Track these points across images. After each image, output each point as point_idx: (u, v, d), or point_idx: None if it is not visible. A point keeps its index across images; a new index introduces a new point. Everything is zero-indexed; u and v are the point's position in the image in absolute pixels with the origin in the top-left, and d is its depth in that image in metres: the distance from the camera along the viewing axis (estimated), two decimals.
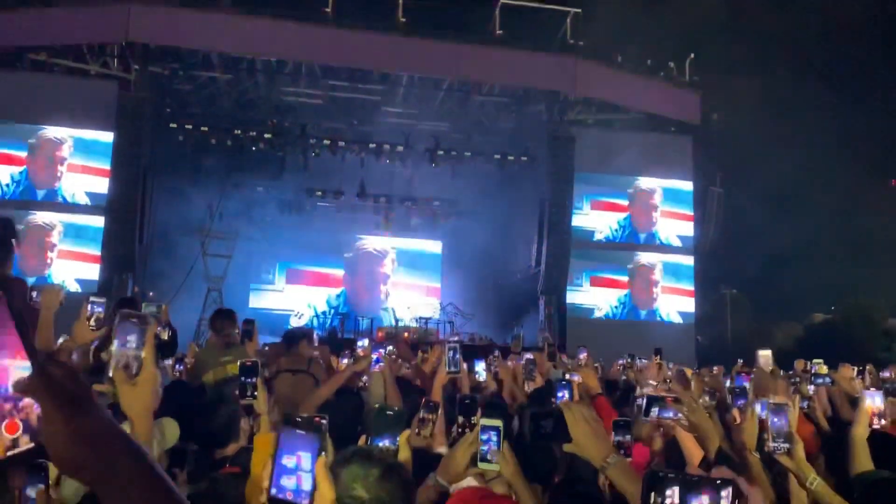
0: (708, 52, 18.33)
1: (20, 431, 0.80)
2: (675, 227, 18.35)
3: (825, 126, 16.53)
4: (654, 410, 3.05)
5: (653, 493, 1.22)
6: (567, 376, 4.13)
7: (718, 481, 1.21)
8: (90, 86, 15.94)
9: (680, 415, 2.79)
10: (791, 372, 6.99)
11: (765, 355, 4.04)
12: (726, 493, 1.18)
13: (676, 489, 1.20)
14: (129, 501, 0.83)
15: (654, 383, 4.19)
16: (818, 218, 18.17)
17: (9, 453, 0.80)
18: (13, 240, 4.25)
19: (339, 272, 20.72)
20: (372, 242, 20.93)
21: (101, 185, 15.65)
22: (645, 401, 3.14)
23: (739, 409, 3.34)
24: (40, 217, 15.45)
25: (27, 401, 0.81)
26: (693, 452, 2.75)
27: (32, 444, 0.81)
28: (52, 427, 0.81)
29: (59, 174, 15.71)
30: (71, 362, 3.75)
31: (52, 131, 15.69)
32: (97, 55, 15.94)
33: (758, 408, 2.61)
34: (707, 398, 3.76)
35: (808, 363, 6.86)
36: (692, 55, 18.11)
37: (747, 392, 3.56)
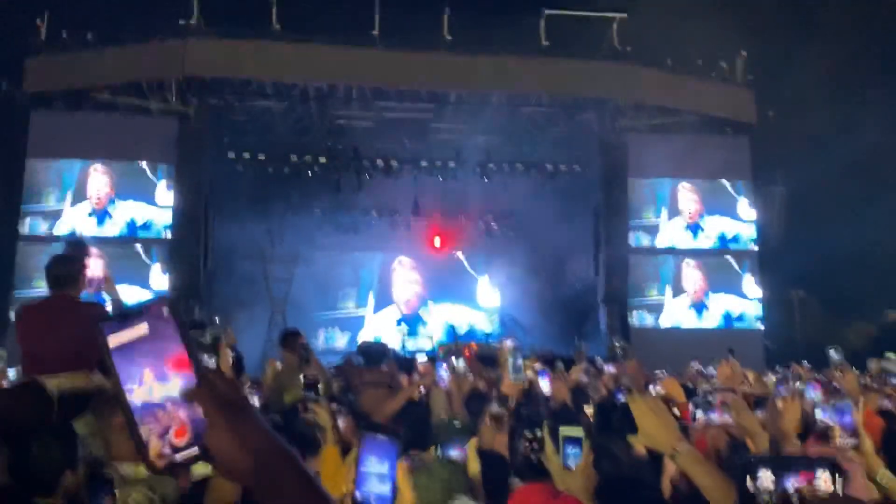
0: (760, 49, 17.94)
1: (188, 437, 0.86)
2: (737, 229, 17.94)
3: (891, 114, 15.96)
4: (700, 414, 3.02)
5: (748, 477, 1.21)
6: (651, 387, 4.10)
7: (814, 459, 1.20)
8: (151, 121, 16.53)
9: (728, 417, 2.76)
10: (866, 372, 6.79)
11: (834, 351, 3.94)
12: (823, 472, 1.17)
13: (769, 471, 1.19)
14: None
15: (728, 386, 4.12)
16: (887, 211, 17.52)
17: (178, 457, 0.85)
18: (85, 259, 4.42)
19: (405, 281, 20.84)
20: (427, 258, 21.03)
21: (165, 216, 16.18)
22: (692, 406, 3.10)
23: (782, 397, 3.30)
24: (106, 248, 16.01)
25: (193, 408, 0.87)
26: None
27: (198, 451, 0.87)
28: (218, 434, 0.86)
29: (120, 207, 16.26)
30: None
31: (114, 166, 16.29)
32: (156, 91, 16.52)
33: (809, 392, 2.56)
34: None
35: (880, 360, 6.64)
36: (744, 53, 17.77)
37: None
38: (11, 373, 6.04)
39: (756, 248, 17.88)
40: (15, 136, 15.80)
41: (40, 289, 12.74)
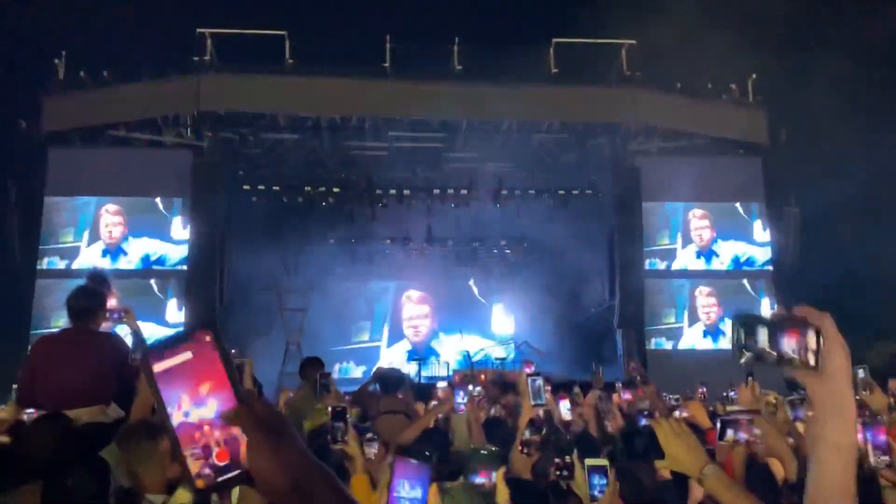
0: (771, 69, 17.98)
1: (229, 459, 0.88)
2: (751, 252, 17.82)
3: None
4: (730, 433, 3.00)
5: (744, 334, 1.25)
6: (677, 412, 4.07)
7: (804, 323, 1.24)
8: (166, 155, 16.74)
9: (756, 435, 2.75)
10: (888, 391, 6.69)
11: (861, 370, 3.89)
12: (812, 335, 1.22)
13: (766, 331, 1.23)
14: None
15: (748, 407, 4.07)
16: None
17: (219, 479, 0.87)
18: (106, 293, 4.46)
19: (413, 317, 20.87)
20: (441, 286, 21.03)
21: (181, 251, 16.30)
22: (720, 423, 3.09)
23: (801, 420, 3.31)
24: (120, 283, 16.10)
25: (235, 431, 0.89)
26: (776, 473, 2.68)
27: (239, 471, 0.88)
28: (259, 455, 0.88)
29: (137, 242, 16.40)
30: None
31: (128, 203, 16.46)
32: (171, 126, 16.75)
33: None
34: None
35: None
36: (753, 75, 17.81)
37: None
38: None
39: (771, 270, 17.73)
40: (33, 175, 16.04)
41: (57, 327, 12.80)
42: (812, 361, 1.22)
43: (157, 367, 0.87)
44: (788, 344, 1.23)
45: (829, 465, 1.22)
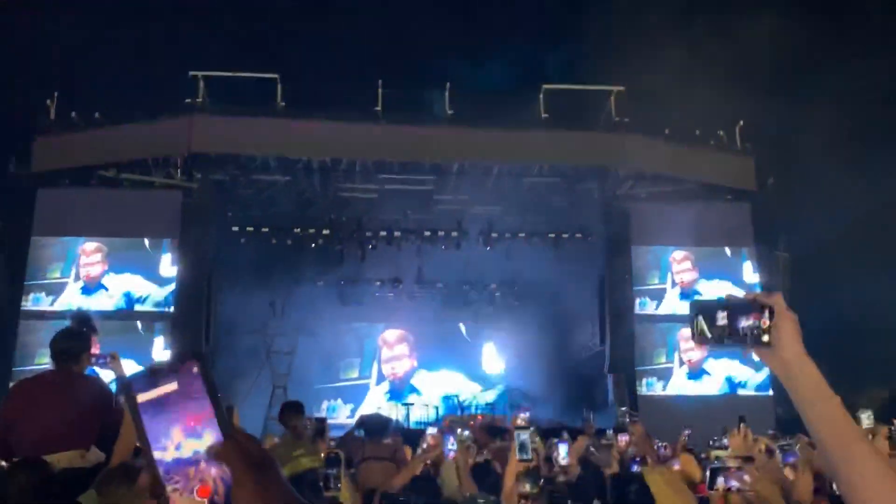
0: (759, 116, 18.25)
1: (212, 494, 0.86)
2: (739, 294, 17.80)
3: (893, 178, 16.11)
4: (720, 480, 2.96)
5: (702, 318, 1.35)
6: (668, 465, 4.00)
7: (759, 304, 1.33)
8: (156, 197, 16.73)
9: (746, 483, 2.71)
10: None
11: (866, 416, 3.83)
12: (766, 314, 1.32)
13: (724, 314, 1.34)
14: None
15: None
16: (893, 275, 17.48)
17: None
18: (92, 336, 4.37)
19: (391, 358, 20.73)
20: (431, 328, 20.91)
21: (166, 290, 16.17)
22: (710, 472, 3.05)
23: (790, 465, 3.33)
24: (104, 323, 15.92)
25: (218, 465, 0.86)
26: None
27: None
28: (243, 490, 0.87)
29: (123, 282, 16.27)
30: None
31: (111, 241, 16.37)
32: (161, 167, 16.76)
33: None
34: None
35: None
36: (741, 122, 18.06)
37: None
38: None
39: None
40: (21, 214, 15.97)
41: (41, 365, 12.63)
42: (766, 339, 1.31)
43: (142, 398, 0.84)
44: (745, 325, 1.32)
45: (819, 425, 1.29)
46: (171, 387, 0.85)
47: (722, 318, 1.34)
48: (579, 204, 18.32)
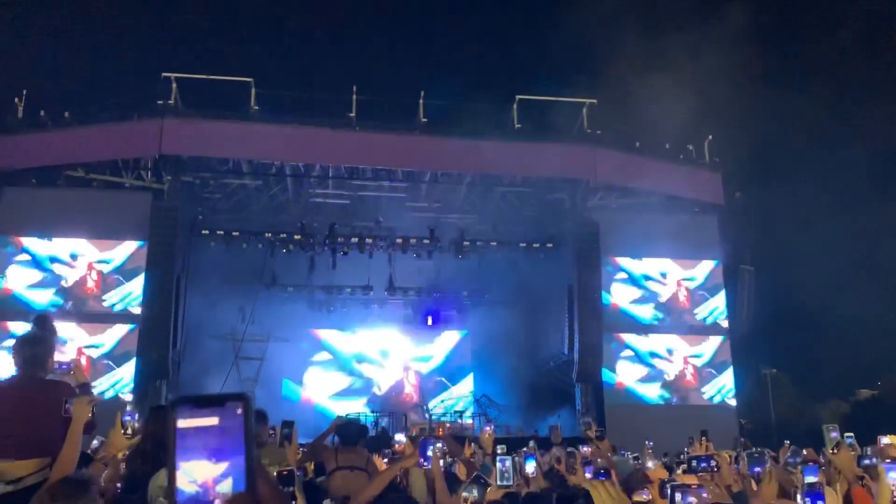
0: (726, 132, 18.59)
1: None
2: (707, 308, 18.10)
3: (858, 194, 16.51)
4: (678, 497, 3.01)
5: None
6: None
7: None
8: (125, 198, 16.49)
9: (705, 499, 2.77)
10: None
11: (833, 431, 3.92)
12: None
13: None
14: None
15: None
16: (857, 291, 17.87)
17: None
18: (52, 338, 4.31)
19: (368, 367, 20.65)
20: (400, 336, 20.87)
21: (135, 294, 15.95)
22: (669, 489, 3.09)
23: (753, 476, 3.44)
24: (74, 327, 15.68)
25: None
26: None
27: None
28: None
29: (92, 284, 16.03)
30: (105, 471, 3.75)
31: (85, 243, 16.13)
32: (131, 168, 16.54)
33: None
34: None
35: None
36: (710, 137, 18.36)
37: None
38: None
39: (727, 327, 17.98)
40: None
41: None
42: None
43: (181, 423, 0.83)
44: None
45: None
46: (212, 420, 0.84)
47: None
48: (550, 214, 18.46)
